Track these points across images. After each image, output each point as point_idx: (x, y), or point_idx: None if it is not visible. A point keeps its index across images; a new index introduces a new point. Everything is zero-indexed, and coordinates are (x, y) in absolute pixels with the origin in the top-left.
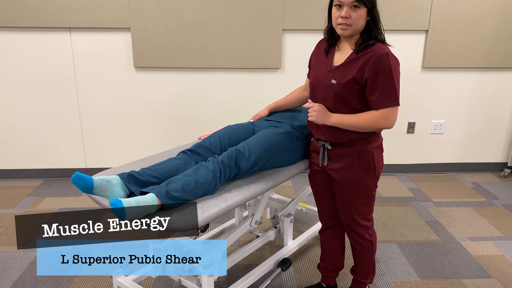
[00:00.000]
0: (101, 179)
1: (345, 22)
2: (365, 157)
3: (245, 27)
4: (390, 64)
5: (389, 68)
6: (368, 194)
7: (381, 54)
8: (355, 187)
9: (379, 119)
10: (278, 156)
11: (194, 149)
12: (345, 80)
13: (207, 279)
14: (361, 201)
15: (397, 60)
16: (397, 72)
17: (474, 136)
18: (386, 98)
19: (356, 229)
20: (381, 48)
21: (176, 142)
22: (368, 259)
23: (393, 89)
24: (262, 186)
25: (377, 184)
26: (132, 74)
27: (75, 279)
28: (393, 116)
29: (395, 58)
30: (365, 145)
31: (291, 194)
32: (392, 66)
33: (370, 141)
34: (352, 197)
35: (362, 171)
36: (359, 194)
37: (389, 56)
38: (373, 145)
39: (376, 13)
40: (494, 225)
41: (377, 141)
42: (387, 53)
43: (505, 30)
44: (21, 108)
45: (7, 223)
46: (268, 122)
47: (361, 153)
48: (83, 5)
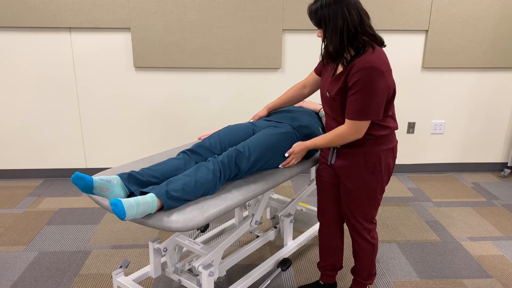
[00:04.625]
0: (101, 179)
1: (322, 41)
2: (372, 158)
3: (245, 27)
4: (370, 78)
5: (367, 81)
6: (372, 196)
7: (362, 68)
8: (359, 188)
9: (346, 133)
10: (278, 156)
11: (194, 149)
12: (333, 93)
13: (207, 279)
14: (365, 203)
15: (380, 72)
16: (377, 85)
17: (474, 136)
18: (356, 111)
19: (358, 230)
20: (365, 61)
21: (176, 142)
22: (368, 261)
23: (365, 104)
24: (262, 186)
25: (384, 189)
26: (132, 74)
27: (75, 279)
28: (362, 129)
29: (378, 70)
30: (373, 147)
31: (291, 194)
32: (371, 80)
33: (379, 143)
34: (356, 197)
35: (367, 172)
36: (363, 196)
37: (371, 69)
38: (382, 148)
39: (331, 28)
40: (494, 225)
41: (387, 144)
42: (370, 66)
43: (505, 30)
44: (21, 108)
45: (7, 223)
46: (268, 122)
47: (368, 154)
48: (83, 5)
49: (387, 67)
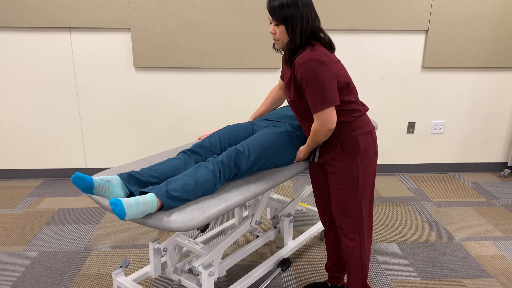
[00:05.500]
0: (101, 179)
1: (274, 37)
2: (350, 144)
3: (245, 27)
4: (311, 69)
5: (310, 73)
6: (356, 185)
7: (302, 63)
8: (343, 179)
9: (317, 127)
10: (278, 155)
11: (194, 149)
12: (292, 96)
13: (207, 279)
14: (348, 193)
15: (320, 62)
16: (321, 74)
17: (474, 136)
18: (315, 103)
19: (342, 225)
20: (303, 56)
21: (176, 142)
22: (356, 268)
23: (318, 92)
24: (262, 186)
25: (370, 180)
26: (132, 74)
27: (75, 279)
28: (330, 116)
29: (317, 61)
30: (348, 133)
31: (291, 194)
32: (312, 71)
33: (354, 128)
34: (339, 188)
35: (347, 158)
36: (348, 187)
37: (310, 61)
38: (357, 132)
39: (296, 28)
40: (494, 225)
41: (362, 128)
42: (308, 59)
43: (505, 30)
44: (21, 108)
45: (7, 223)
46: (267, 121)
47: (345, 142)
48: (83, 5)
49: (328, 58)
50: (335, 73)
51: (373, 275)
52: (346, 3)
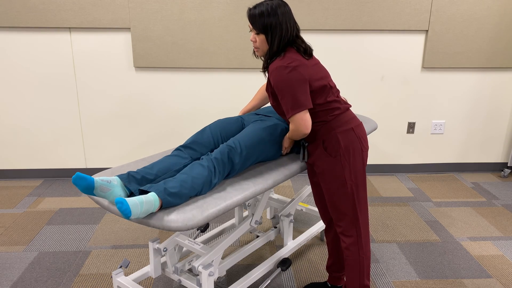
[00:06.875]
0: (102, 179)
1: (254, 45)
2: (330, 143)
3: (245, 27)
4: (279, 77)
5: (279, 80)
6: (343, 184)
7: (271, 72)
8: (329, 178)
9: (293, 128)
10: (269, 148)
11: (188, 145)
12: (271, 101)
13: (207, 279)
14: (340, 195)
15: (288, 69)
16: (289, 80)
17: (474, 136)
18: (287, 108)
19: (339, 223)
20: (273, 65)
21: (176, 142)
22: (354, 265)
23: (289, 98)
24: (262, 185)
25: (359, 178)
26: (132, 74)
27: (75, 279)
28: (302, 121)
29: (285, 68)
30: (329, 132)
31: (291, 194)
32: (281, 78)
33: (333, 126)
34: (329, 187)
35: (330, 158)
36: (336, 187)
37: (278, 69)
38: (338, 130)
39: (275, 37)
40: (494, 225)
41: (343, 125)
42: (276, 67)
43: (505, 30)
44: (21, 108)
45: (7, 223)
46: (256, 116)
47: (326, 141)
48: (83, 5)
49: (297, 63)
50: (305, 77)
51: (373, 275)
52: (346, 3)
